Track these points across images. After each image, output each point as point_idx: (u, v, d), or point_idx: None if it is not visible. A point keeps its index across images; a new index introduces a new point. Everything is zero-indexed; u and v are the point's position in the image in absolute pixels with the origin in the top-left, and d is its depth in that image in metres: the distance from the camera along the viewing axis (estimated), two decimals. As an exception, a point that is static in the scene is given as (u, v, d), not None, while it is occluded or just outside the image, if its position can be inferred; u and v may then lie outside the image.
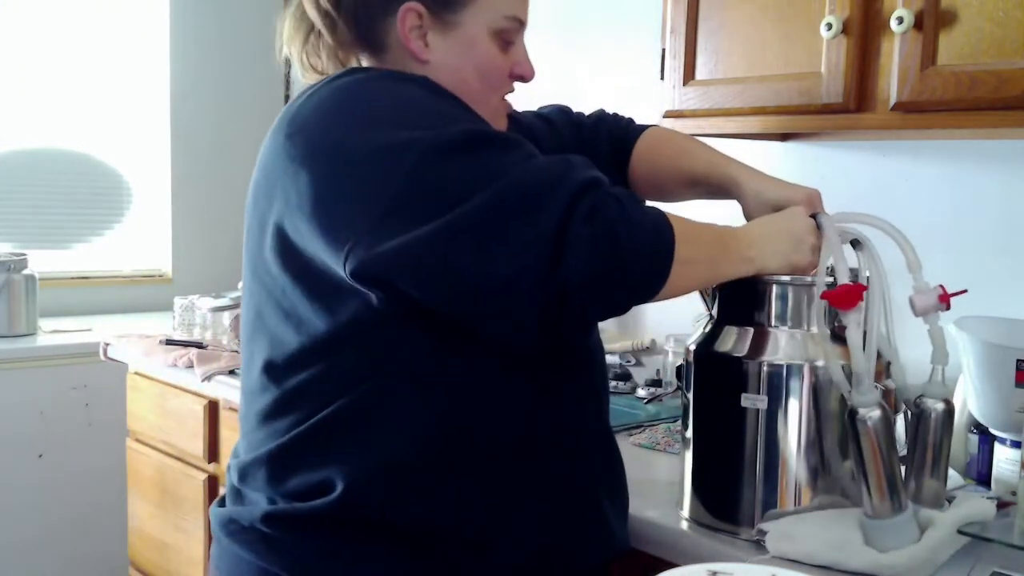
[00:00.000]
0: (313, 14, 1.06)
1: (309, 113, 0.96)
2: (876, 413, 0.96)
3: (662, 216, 0.92)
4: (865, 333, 1.01)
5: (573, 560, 1.03)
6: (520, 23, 1.07)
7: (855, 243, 1.07)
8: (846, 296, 0.98)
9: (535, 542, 0.99)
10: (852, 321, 0.98)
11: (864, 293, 0.99)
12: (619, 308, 0.91)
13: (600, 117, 1.35)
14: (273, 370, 0.99)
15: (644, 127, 1.33)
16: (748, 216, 1.17)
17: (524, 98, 1.20)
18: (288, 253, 0.96)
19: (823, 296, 1.00)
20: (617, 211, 0.87)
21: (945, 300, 1.02)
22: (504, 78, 1.07)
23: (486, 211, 0.85)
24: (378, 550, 0.95)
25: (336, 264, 0.90)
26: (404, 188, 0.87)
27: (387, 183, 0.87)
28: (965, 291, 1.04)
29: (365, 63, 1.08)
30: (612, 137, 1.31)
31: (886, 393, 1.03)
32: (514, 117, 1.20)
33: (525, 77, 1.10)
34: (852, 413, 0.97)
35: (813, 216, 1.10)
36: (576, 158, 0.92)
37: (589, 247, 0.84)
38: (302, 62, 1.10)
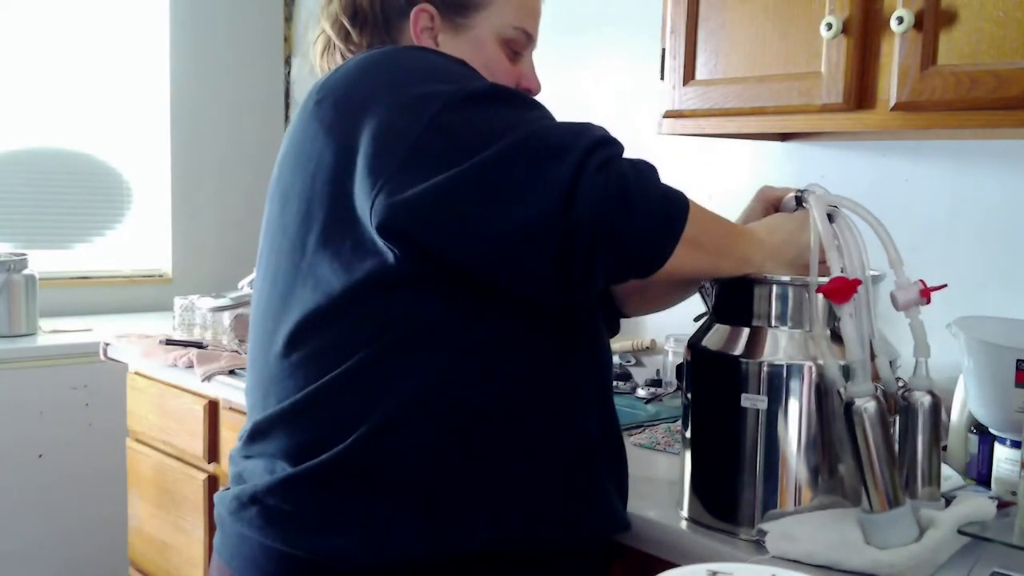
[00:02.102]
0: (330, 29, 1.13)
1: (338, 80, 0.99)
2: (871, 404, 0.97)
3: (678, 191, 0.93)
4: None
5: (565, 530, 1.01)
6: (527, 36, 1.11)
7: (830, 216, 1.07)
8: (841, 290, 0.99)
9: (524, 506, 0.98)
10: (846, 313, 0.99)
11: (859, 287, 0.99)
12: (625, 267, 0.92)
13: None
14: (289, 338, 0.99)
15: None
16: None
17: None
18: (312, 215, 0.97)
19: (818, 290, 1.01)
20: (630, 168, 0.89)
21: (926, 295, 1.04)
22: (511, 85, 1.10)
23: (504, 160, 0.87)
24: (379, 508, 0.94)
25: (365, 213, 0.91)
26: (425, 135, 0.89)
27: (410, 130, 0.89)
28: (945, 286, 1.05)
29: None
30: None
31: (885, 396, 1.03)
32: None
33: (532, 90, 1.13)
34: (848, 405, 0.98)
35: (800, 195, 1.10)
36: (595, 125, 0.94)
37: (601, 192, 0.86)
38: (323, 70, 1.15)
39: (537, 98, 1.26)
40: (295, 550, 0.95)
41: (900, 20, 1.24)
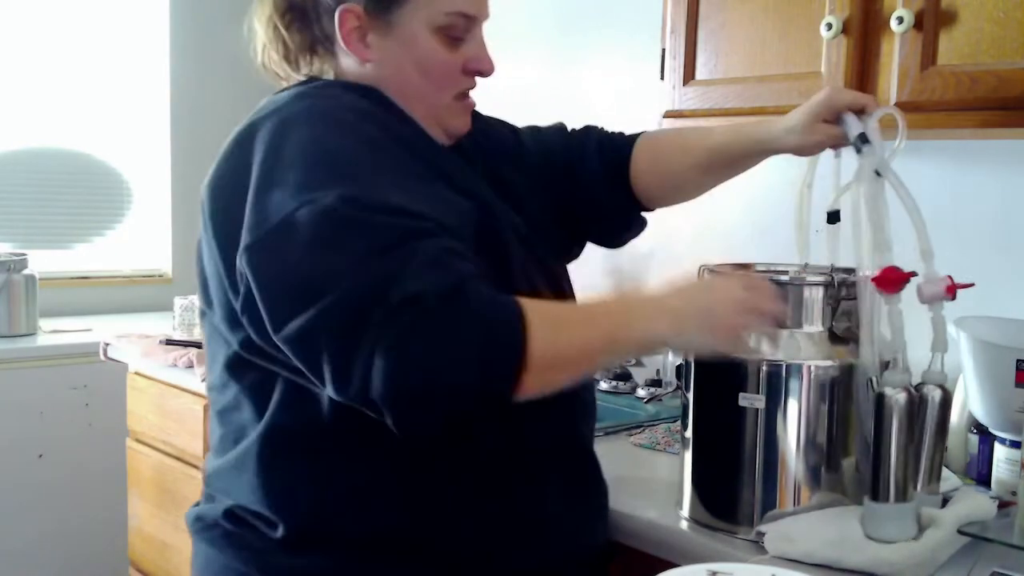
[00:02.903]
0: (261, 32, 1.09)
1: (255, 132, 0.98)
2: (903, 396, 0.98)
3: (508, 313, 0.86)
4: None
5: (507, 562, 1.01)
6: (465, 17, 1.04)
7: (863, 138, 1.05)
8: (894, 281, 0.99)
9: (470, 544, 0.99)
10: (893, 301, 1.00)
11: (909, 279, 1.00)
12: (453, 416, 0.87)
13: (588, 127, 1.31)
14: (225, 370, 1.04)
15: (636, 134, 1.29)
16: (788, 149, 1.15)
17: (525, 100, 1.19)
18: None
19: (872, 280, 1.01)
20: (433, 327, 0.83)
21: (952, 291, 1.03)
22: (455, 75, 1.05)
23: (309, 331, 0.85)
24: (330, 554, 0.97)
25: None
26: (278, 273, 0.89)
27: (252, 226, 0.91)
28: (972, 284, 1.04)
29: (318, 64, 1.09)
30: (604, 145, 1.26)
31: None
32: (478, 117, 1.16)
33: (483, 72, 1.07)
34: (880, 395, 0.99)
35: (861, 141, 1.07)
36: (427, 245, 0.86)
37: (385, 372, 0.82)
38: (267, 70, 1.12)
39: (537, 99, 1.23)
40: None
41: (900, 20, 1.24)
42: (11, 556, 2.47)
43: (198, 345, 2.13)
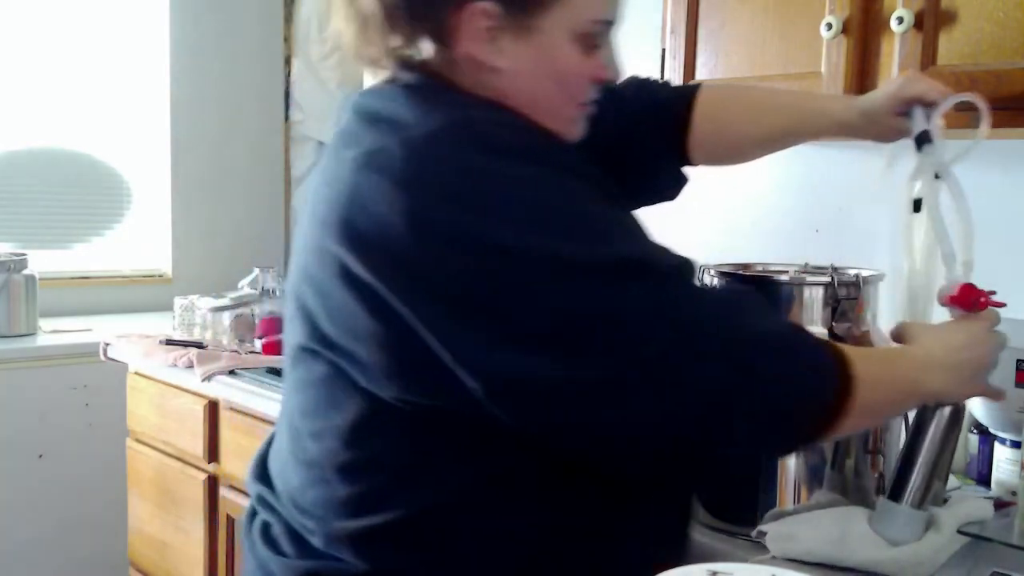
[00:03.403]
0: (348, 25, 0.93)
1: (407, 167, 0.82)
2: (948, 410, 0.97)
3: (836, 371, 0.84)
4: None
5: None
6: (607, 24, 0.94)
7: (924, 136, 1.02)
8: (972, 301, 0.97)
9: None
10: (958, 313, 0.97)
11: (989, 297, 0.98)
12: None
13: (639, 85, 1.21)
14: (346, 428, 0.90)
15: (691, 89, 1.20)
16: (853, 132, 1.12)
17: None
18: (361, 294, 0.84)
19: (948, 301, 0.98)
20: (783, 391, 0.82)
21: (983, 307, 1.00)
22: (586, 84, 0.95)
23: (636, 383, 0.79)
24: None
25: (444, 355, 0.81)
26: (545, 316, 0.79)
27: (529, 302, 0.79)
28: (994, 293, 1.02)
29: (426, 55, 0.91)
30: (657, 105, 1.18)
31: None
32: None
33: (613, 80, 0.98)
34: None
35: (924, 138, 1.03)
36: (744, 298, 0.87)
37: (748, 437, 0.81)
38: (357, 54, 0.95)
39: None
40: None
41: (900, 20, 1.24)
42: (11, 556, 2.47)
43: (198, 345, 2.13)
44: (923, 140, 1.03)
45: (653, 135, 1.17)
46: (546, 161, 0.86)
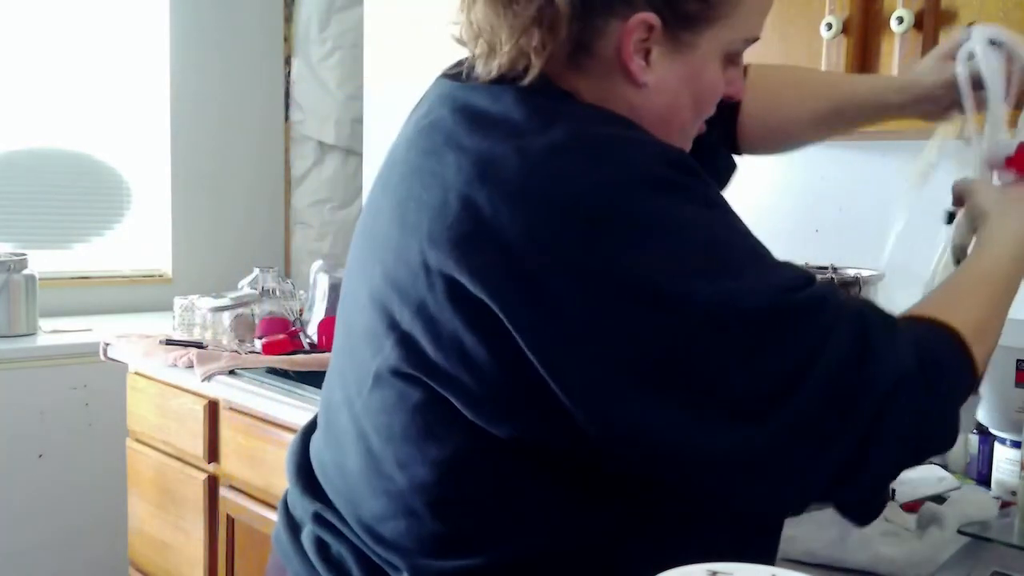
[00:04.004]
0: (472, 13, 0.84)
1: (529, 181, 0.74)
2: None
3: (960, 356, 0.80)
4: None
5: None
6: (754, 42, 0.89)
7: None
8: None
9: None
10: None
11: None
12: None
13: None
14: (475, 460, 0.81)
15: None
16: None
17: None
18: (468, 311, 0.76)
19: (1007, 164, 0.92)
20: (927, 402, 0.76)
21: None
22: (715, 101, 0.90)
23: (786, 435, 0.72)
24: None
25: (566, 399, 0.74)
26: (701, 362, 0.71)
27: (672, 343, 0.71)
28: None
29: (555, 64, 0.82)
30: None
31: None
32: None
33: (735, 96, 0.93)
34: None
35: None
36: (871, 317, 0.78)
37: (896, 451, 0.75)
38: (500, 50, 0.82)
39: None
40: None
41: (900, 20, 1.24)
42: (11, 556, 2.47)
43: (198, 345, 2.13)
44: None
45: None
46: (693, 192, 0.78)
